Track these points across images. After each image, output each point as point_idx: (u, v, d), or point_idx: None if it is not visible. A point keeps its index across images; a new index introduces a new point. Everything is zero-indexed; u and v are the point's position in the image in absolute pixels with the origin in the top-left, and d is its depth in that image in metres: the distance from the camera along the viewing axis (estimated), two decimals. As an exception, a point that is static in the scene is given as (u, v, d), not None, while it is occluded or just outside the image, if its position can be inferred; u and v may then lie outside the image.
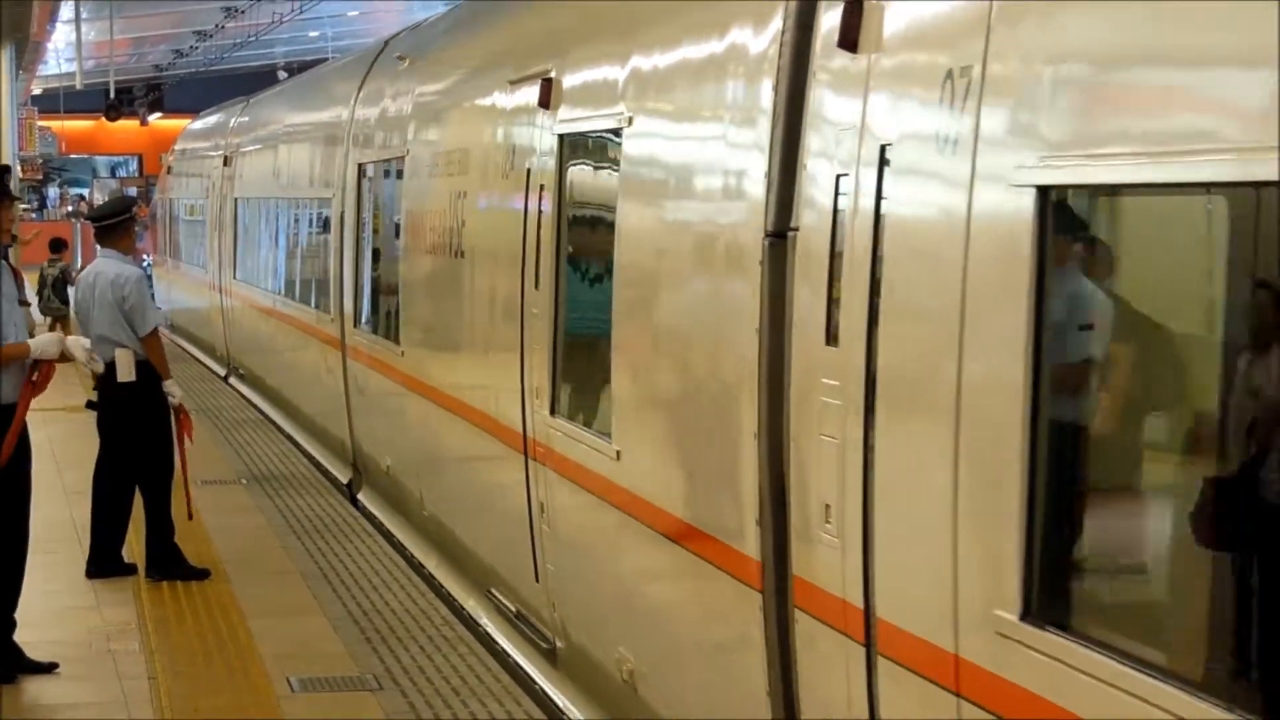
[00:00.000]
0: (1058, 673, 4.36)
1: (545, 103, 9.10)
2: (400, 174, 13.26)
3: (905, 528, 5.15)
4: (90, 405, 11.27)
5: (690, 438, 6.98)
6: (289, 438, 18.07)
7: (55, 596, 10.54)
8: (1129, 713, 4.07)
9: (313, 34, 46.07)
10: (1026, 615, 4.50)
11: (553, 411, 8.89)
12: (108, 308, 10.82)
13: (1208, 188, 3.89)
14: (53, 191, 60.89)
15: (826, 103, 5.78)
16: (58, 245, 25.56)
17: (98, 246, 11.39)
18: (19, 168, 36.56)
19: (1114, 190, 4.28)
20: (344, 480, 15.60)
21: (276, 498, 14.22)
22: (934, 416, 4.92)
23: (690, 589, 7.04)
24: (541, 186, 9.16)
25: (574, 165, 8.81)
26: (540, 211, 9.13)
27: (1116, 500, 4.45)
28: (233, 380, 23.49)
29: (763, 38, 6.37)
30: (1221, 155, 3.75)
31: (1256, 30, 3.65)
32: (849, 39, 5.54)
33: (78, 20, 35.51)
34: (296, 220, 19.08)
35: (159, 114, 53.19)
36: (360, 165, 15.08)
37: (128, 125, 53.26)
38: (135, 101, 52.20)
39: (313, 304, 17.40)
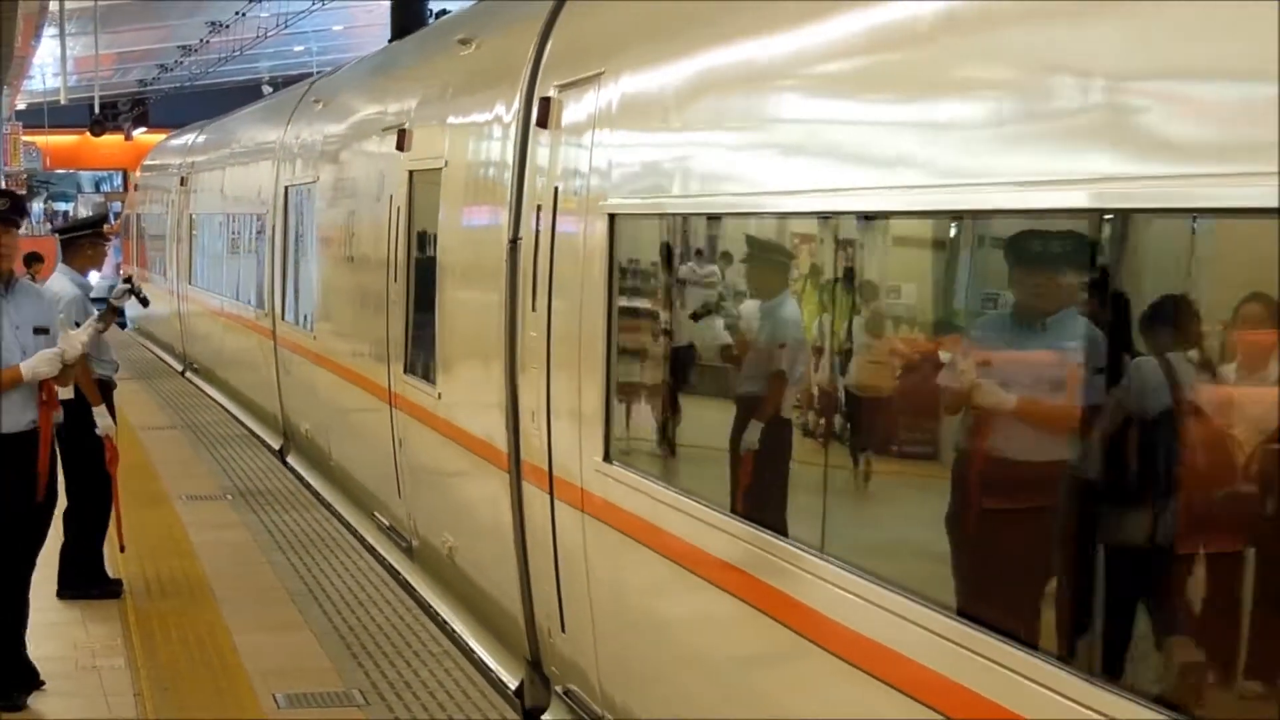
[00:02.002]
0: (619, 488, 7.76)
1: (401, 146, 12.51)
2: (312, 194, 16.66)
3: (564, 418, 8.55)
4: None
5: (476, 377, 10.39)
6: (234, 417, 21.41)
7: (40, 613, 10.19)
8: (650, 506, 7.45)
9: (298, 49, 45.30)
10: (606, 458, 7.91)
11: (405, 370, 12.31)
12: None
13: (661, 216, 7.33)
14: (37, 206, 60.65)
15: (535, 160, 9.20)
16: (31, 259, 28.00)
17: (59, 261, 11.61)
18: (2, 182, 37.18)
19: (636, 216, 7.70)
20: (275, 446, 18.96)
21: (262, 513, 14.38)
22: (571, 350, 8.33)
23: (478, 479, 10.42)
24: (399, 208, 12.57)
25: (418, 193, 12.22)
26: (397, 225, 12.55)
27: (648, 394, 7.84)
28: (188, 374, 26.85)
29: (510, 114, 9.79)
30: (668, 199, 7.19)
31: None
32: (543, 121, 8.95)
33: (62, 35, 35.34)
34: (239, 233, 22.46)
35: (144, 129, 51.80)
36: (287, 187, 18.47)
37: (112, 140, 52.02)
38: (120, 116, 51.03)
39: (251, 302, 20.80)
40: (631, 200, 7.61)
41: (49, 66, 41.52)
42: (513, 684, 9.82)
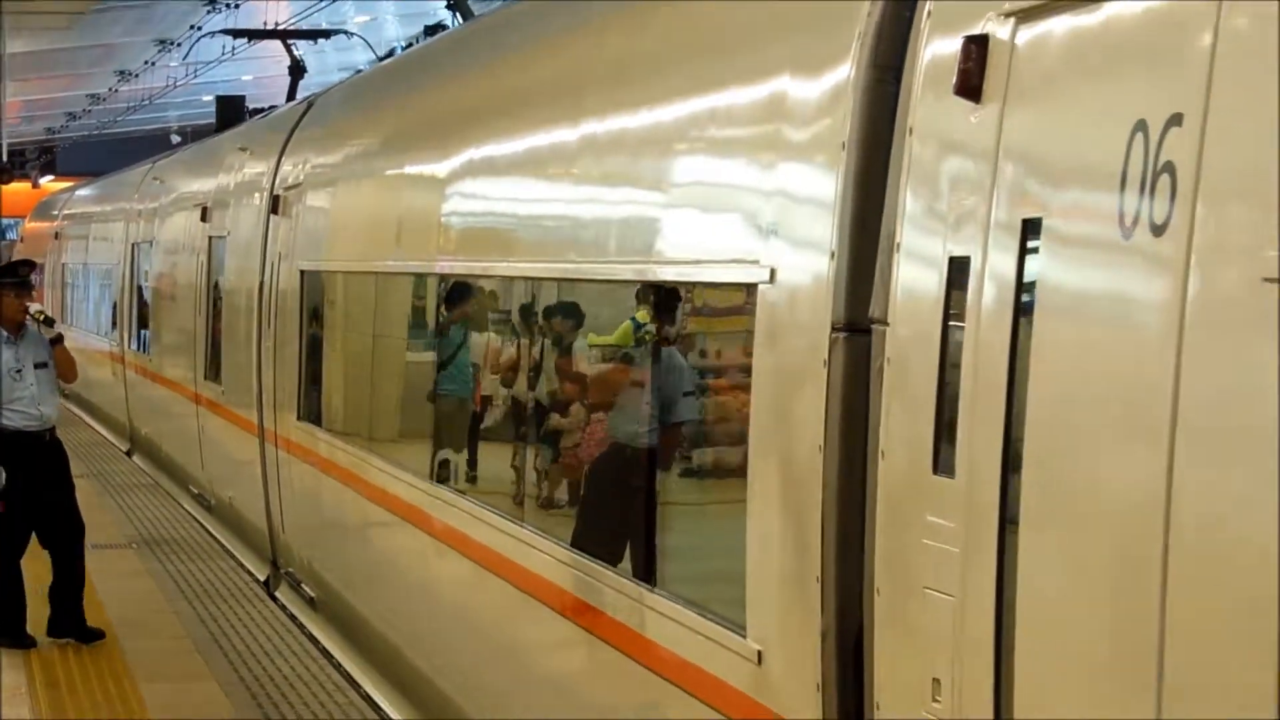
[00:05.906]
0: (305, 434, 12.89)
1: (204, 219, 17.68)
2: (151, 250, 21.78)
3: (283, 396, 13.68)
4: None
5: (243, 376, 15.51)
6: (95, 430, 26.38)
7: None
8: (313, 441, 12.57)
9: (206, 98, 42.25)
10: (299, 418, 13.06)
11: (205, 377, 17.44)
12: None
13: (317, 272, 12.55)
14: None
15: (272, 234, 14.36)
16: None
17: None
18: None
19: (315, 274, 12.87)
20: (124, 450, 23.95)
21: (168, 562, 14.71)
22: (285, 353, 13.49)
23: (243, 445, 15.49)
24: (202, 263, 17.73)
25: (213, 253, 17.38)
26: (201, 275, 17.71)
27: (317, 378, 12.98)
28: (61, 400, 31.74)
29: (262, 203, 14.95)
30: (317, 262, 12.43)
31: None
32: (276, 210, 14.11)
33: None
34: (99, 280, 27.55)
35: (51, 176, 51.63)
36: (134, 244, 23.56)
37: (19, 188, 49.19)
38: (27, 164, 50.86)
39: (107, 335, 25.87)
40: (308, 263, 12.83)
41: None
42: (261, 576, 14.93)
